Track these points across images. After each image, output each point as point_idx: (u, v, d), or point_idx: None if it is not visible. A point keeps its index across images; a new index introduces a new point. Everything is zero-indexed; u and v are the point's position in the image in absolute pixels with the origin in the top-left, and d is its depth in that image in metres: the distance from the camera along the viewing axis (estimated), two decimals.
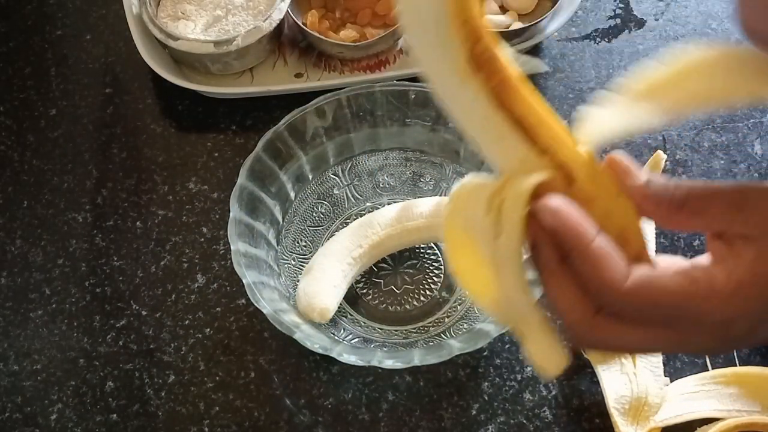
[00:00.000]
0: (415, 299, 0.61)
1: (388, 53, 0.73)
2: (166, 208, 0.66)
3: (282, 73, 0.73)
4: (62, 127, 0.71)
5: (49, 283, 0.63)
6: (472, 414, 0.56)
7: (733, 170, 0.67)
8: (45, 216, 0.66)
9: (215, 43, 0.67)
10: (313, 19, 0.71)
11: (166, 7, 0.72)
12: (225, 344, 0.60)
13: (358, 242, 0.58)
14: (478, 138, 0.34)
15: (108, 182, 0.68)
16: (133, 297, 0.62)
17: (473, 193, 0.35)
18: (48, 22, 0.77)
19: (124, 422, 0.57)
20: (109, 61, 0.75)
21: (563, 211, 0.32)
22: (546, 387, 0.57)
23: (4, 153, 0.70)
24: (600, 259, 0.32)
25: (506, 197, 0.33)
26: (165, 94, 0.72)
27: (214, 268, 0.63)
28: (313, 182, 0.63)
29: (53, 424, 0.57)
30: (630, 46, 0.74)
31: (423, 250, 0.63)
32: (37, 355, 0.60)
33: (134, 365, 0.59)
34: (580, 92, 0.71)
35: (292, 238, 0.62)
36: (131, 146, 0.70)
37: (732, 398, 0.54)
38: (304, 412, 0.57)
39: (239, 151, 0.68)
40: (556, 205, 0.32)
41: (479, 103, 0.33)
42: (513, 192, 0.33)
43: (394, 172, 0.65)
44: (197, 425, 0.57)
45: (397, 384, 0.58)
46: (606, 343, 0.35)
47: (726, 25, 0.75)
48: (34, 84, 0.73)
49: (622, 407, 0.54)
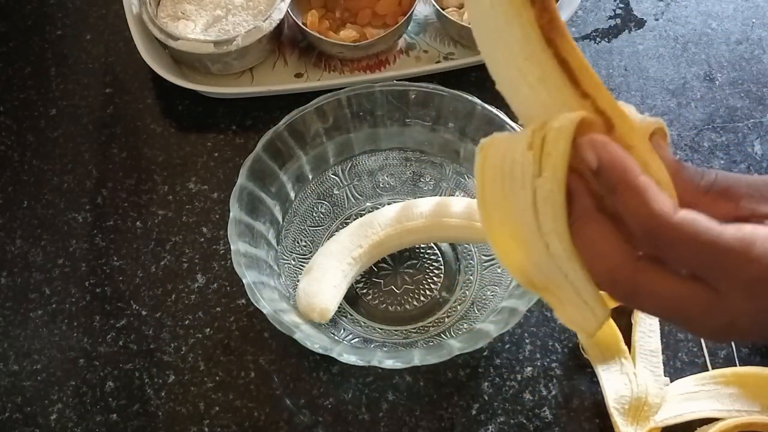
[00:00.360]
0: (415, 299, 0.61)
1: (388, 53, 0.73)
2: (166, 208, 0.66)
3: (282, 73, 0.73)
4: (62, 127, 0.71)
5: (49, 283, 0.63)
6: (472, 414, 0.56)
7: (733, 170, 0.67)
8: (45, 216, 0.66)
9: (215, 43, 0.67)
10: (313, 19, 0.71)
11: (166, 7, 0.72)
12: (225, 344, 0.60)
13: (358, 242, 0.58)
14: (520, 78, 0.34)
15: (108, 182, 0.68)
16: (133, 297, 0.62)
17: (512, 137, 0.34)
18: (48, 22, 0.77)
19: (124, 422, 0.57)
20: (109, 61, 0.75)
21: (610, 144, 0.32)
22: (546, 387, 0.57)
23: (4, 153, 0.70)
24: (649, 191, 0.32)
25: (550, 129, 0.32)
26: (165, 94, 0.72)
27: (214, 268, 0.63)
28: (313, 182, 0.63)
29: (53, 424, 0.57)
30: (630, 46, 0.74)
31: (423, 250, 0.63)
32: (37, 355, 0.60)
33: (134, 365, 0.59)
34: None
35: (292, 238, 0.62)
36: (131, 146, 0.70)
37: (732, 398, 0.54)
38: (304, 412, 0.57)
39: (239, 151, 0.68)
40: (603, 138, 0.32)
41: (528, 39, 0.33)
42: (558, 123, 0.32)
43: (394, 172, 0.65)
44: (197, 425, 0.57)
45: (397, 384, 0.58)
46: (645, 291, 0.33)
47: (726, 24, 0.75)
48: (34, 84, 0.73)
49: (622, 407, 0.54)
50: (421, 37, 0.74)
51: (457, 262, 0.62)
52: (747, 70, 0.72)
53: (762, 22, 0.75)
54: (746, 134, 0.69)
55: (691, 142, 0.68)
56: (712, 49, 0.74)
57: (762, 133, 0.69)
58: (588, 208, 0.33)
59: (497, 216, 0.35)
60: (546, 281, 0.35)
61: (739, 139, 0.69)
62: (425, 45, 0.74)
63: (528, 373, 0.58)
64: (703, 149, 0.68)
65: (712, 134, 0.69)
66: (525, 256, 0.35)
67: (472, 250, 0.62)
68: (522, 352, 0.59)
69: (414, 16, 0.73)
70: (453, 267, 0.62)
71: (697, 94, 0.71)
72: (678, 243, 0.32)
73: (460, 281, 0.61)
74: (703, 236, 0.31)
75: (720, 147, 0.68)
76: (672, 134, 0.69)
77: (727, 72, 0.72)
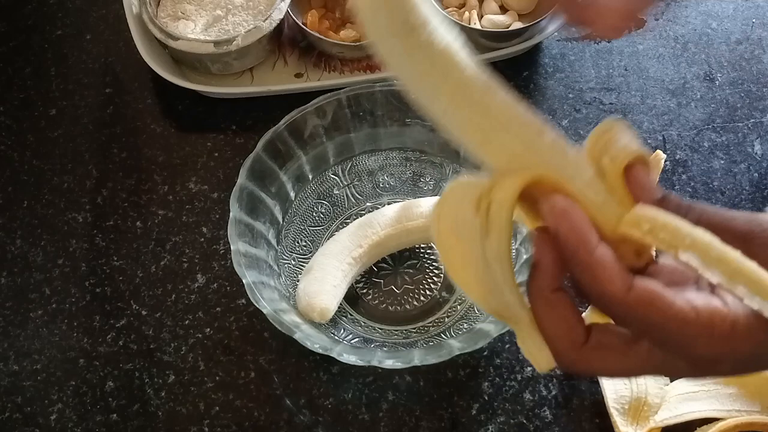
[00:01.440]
0: (415, 299, 0.61)
1: None
2: (166, 208, 0.66)
3: (282, 73, 0.73)
4: (62, 127, 0.71)
5: (49, 283, 0.63)
6: (472, 414, 0.56)
7: (733, 170, 0.67)
8: (45, 216, 0.66)
9: (215, 43, 0.67)
10: (313, 19, 0.71)
11: (166, 7, 0.72)
12: (225, 344, 0.60)
13: (358, 242, 0.58)
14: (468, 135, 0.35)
15: (108, 182, 0.68)
16: (133, 297, 0.62)
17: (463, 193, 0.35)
18: (48, 22, 0.77)
19: (124, 422, 0.57)
20: (109, 61, 0.75)
21: (570, 212, 0.32)
22: (546, 387, 0.57)
23: (4, 153, 0.70)
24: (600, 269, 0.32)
25: (494, 199, 0.33)
26: (165, 94, 0.72)
27: (214, 268, 0.63)
28: (313, 182, 0.63)
29: (53, 424, 0.57)
30: (630, 46, 0.74)
31: (423, 250, 0.63)
32: (37, 355, 0.60)
33: (134, 365, 0.59)
34: (580, 92, 0.71)
35: (292, 238, 0.62)
36: (131, 146, 0.70)
37: (732, 398, 0.54)
38: (304, 412, 0.57)
39: (239, 151, 0.68)
40: (564, 205, 0.32)
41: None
42: (501, 194, 0.33)
43: (394, 172, 0.65)
44: (197, 425, 0.57)
45: (397, 384, 0.58)
46: (592, 371, 0.35)
47: (726, 24, 0.75)
48: (34, 84, 0.73)
49: (621, 407, 0.54)
50: None
51: None
52: (747, 70, 0.72)
53: (762, 22, 0.75)
54: (746, 134, 0.69)
55: (691, 142, 0.68)
56: (712, 49, 0.74)
57: (762, 133, 0.69)
58: (542, 288, 0.34)
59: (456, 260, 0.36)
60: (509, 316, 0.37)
61: (739, 139, 0.69)
62: None
63: (528, 373, 0.58)
64: (703, 149, 0.68)
65: (712, 134, 0.69)
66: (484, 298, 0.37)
67: None
68: (522, 352, 0.59)
69: None
70: None
71: (697, 94, 0.71)
72: (630, 319, 0.33)
73: None
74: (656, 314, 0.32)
75: (720, 147, 0.68)
76: (672, 134, 0.69)
77: (727, 72, 0.72)
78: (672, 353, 0.33)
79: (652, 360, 0.33)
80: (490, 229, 0.33)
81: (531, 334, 0.36)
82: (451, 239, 0.36)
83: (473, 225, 0.34)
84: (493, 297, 0.36)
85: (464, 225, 0.35)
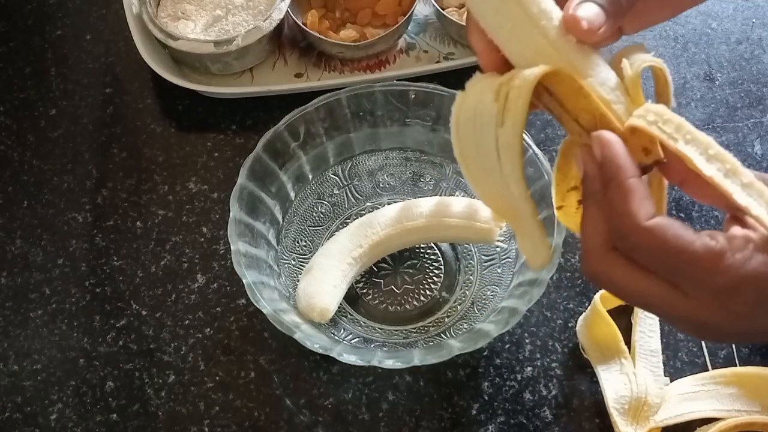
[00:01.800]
0: (415, 299, 0.61)
1: (388, 53, 0.73)
2: (166, 208, 0.66)
3: (282, 73, 0.73)
4: (62, 127, 0.71)
5: (49, 283, 0.63)
6: (472, 414, 0.56)
7: None
8: (45, 216, 0.66)
9: (215, 43, 0.67)
10: (313, 19, 0.71)
11: (166, 7, 0.72)
12: (225, 344, 0.60)
13: (358, 242, 0.58)
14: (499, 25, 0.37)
15: (108, 182, 0.68)
16: (133, 297, 0.62)
17: (486, 83, 0.37)
18: (48, 22, 0.77)
19: (124, 422, 0.57)
20: (109, 61, 0.75)
21: (614, 144, 0.35)
22: (546, 387, 0.57)
23: (4, 153, 0.70)
24: (631, 192, 0.34)
25: (512, 86, 0.35)
26: (165, 94, 0.72)
27: (214, 268, 0.63)
28: (313, 182, 0.63)
29: (53, 424, 0.57)
30: None
31: (423, 250, 0.63)
32: (37, 355, 0.60)
33: (134, 365, 0.59)
34: None
35: (292, 238, 0.62)
36: (131, 146, 0.70)
37: (732, 398, 0.54)
38: (304, 412, 0.57)
39: (239, 151, 0.68)
40: (610, 137, 0.35)
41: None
42: (519, 81, 0.35)
43: (394, 172, 0.65)
44: (197, 425, 0.57)
45: (397, 384, 0.58)
46: (609, 279, 0.36)
47: (726, 24, 0.75)
48: (34, 84, 0.73)
49: (621, 407, 0.54)
50: (421, 37, 0.74)
51: (457, 262, 0.62)
52: (747, 70, 0.72)
53: (762, 22, 0.75)
54: (746, 134, 0.69)
55: None
56: (712, 49, 0.74)
57: (762, 133, 0.69)
58: (594, 192, 0.36)
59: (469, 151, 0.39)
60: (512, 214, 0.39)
61: (739, 139, 0.69)
62: (425, 45, 0.74)
63: (528, 373, 0.58)
64: None
65: (712, 134, 0.68)
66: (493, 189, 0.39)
67: (472, 250, 0.62)
68: (522, 352, 0.59)
69: (414, 16, 0.73)
70: (453, 267, 0.62)
71: (697, 94, 0.71)
72: (642, 247, 0.34)
73: (460, 281, 0.61)
74: (671, 244, 0.33)
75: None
76: None
77: (727, 72, 0.72)
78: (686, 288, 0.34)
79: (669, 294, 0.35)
80: (506, 116, 0.36)
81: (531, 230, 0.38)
82: (468, 128, 0.38)
83: (491, 111, 0.36)
84: (498, 190, 0.38)
85: (483, 112, 0.37)
